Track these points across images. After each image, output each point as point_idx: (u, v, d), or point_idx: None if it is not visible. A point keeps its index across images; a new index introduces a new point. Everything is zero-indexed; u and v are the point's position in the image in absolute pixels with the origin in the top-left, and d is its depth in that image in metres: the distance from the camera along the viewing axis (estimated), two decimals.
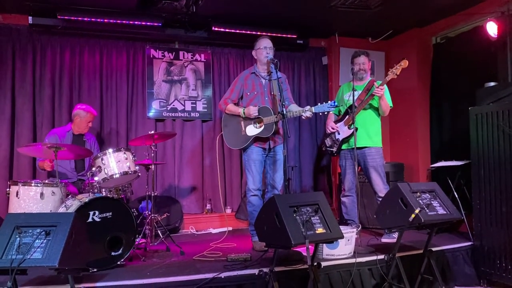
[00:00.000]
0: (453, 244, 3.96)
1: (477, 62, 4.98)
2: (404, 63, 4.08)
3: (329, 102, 3.80)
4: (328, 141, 4.52)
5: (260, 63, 4.12)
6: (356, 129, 4.12)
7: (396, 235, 4.01)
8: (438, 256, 3.69)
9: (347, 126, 4.30)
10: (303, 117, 3.89)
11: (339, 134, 4.39)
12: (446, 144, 5.52)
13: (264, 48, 4.03)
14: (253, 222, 3.91)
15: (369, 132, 4.30)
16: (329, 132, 4.49)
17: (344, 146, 4.39)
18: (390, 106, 4.29)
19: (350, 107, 4.19)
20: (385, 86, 4.18)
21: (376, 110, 4.35)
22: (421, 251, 3.42)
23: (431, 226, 3.29)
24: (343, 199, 4.45)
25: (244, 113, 3.99)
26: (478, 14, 4.96)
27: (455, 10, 5.16)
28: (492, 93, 3.94)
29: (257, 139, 4.01)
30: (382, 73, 6.06)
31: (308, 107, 3.86)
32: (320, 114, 3.96)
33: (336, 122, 4.46)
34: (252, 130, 4.00)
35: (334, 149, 4.44)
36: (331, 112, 4.58)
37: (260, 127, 3.97)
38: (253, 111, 3.94)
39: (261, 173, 4.09)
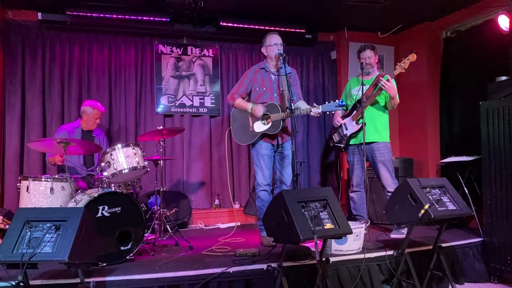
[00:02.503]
0: (463, 240, 3.92)
1: (488, 56, 4.92)
2: (412, 57, 4.04)
3: (336, 101, 3.75)
4: (336, 137, 4.50)
5: (270, 59, 4.10)
6: (364, 124, 4.09)
7: (405, 230, 4.02)
8: (448, 252, 3.66)
9: (355, 121, 4.28)
10: (311, 115, 3.87)
11: (346, 129, 4.37)
12: (456, 139, 5.47)
13: (275, 45, 4.00)
14: (262, 217, 3.92)
15: (376, 127, 4.28)
16: (335, 126, 4.47)
17: (352, 141, 4.36)
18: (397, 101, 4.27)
19: (359, 101, 4.16)
20: (393, 80, 4.15)
21: (383, 104, 4.32)
22: (430, 247, 3.40)
23: (441, 222, 3.26)
24: (351, 194, 4.43)
25: (251, 109, 3.98)
26: (489, 7, 4.89)
27: (466, 3, 5.10)
28: (504, 87, 3.89)
29: (265, 135, 4.01)
30: (392, 67, 6.00)
31: (316, 105, 3.84)
32: (327, 113, 3.94)
33: (343, 117, 4.44)
34: (259, 126, 3.99)
35: (342, 145, 4.42)
36: None
37: (268, 123, 3.96)
38: (259, 111, 3.92)
39: (270, 168, 4.08)
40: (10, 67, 5.00)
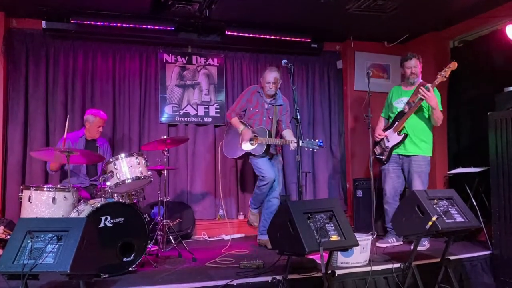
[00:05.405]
0: (471, 253, 3.87)
1: (496, 66, 4.89)
2: (453, 65, 4.02)
3: (317, 140, 3.99)
4: (377, 149, 4.45)
5: (263, 92, 4.47)
6: (406, 135, 4.08)
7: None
8: (456, 265, 3.61)
9: (396, 133, 4.24)
10: (290, 149, 4.21)
11: (388, 141, 4.33)
12: (464, 150, 5.41)
13: (268, 83, 4.36)
14: (253, 201, 4.58)
15: (418, 140, 4.23)
16: (377, 140, 4.43)
17: (394, 152, 4.32)
18: (440, 110, 4.18)
19: (400, 113, 4.15)
20: (436, 90, 4.10)
21: (427, 116, 4.26)
22: (438, 260, 3.36)
23: (449, 234, 3.22)
24: (385, 206, 4.35)
25: (241, 131, 4.40)
26: (497, 17, 4.86)
27: (473, 13, 5.06)
28: None
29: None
30: (398, 77, 5.98)
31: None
32: (306, 149, 4.18)
33: (385, 129, 4.40)
34: (246, 145, 4.40)
35: (384, 157, 4.36)
36: (381, 117, 4.57)
37: (254, 144, 4.35)
38: (246, 135, 4.35)
39: (271, 167, 4.36)
40: (13, 75, 4.98)
